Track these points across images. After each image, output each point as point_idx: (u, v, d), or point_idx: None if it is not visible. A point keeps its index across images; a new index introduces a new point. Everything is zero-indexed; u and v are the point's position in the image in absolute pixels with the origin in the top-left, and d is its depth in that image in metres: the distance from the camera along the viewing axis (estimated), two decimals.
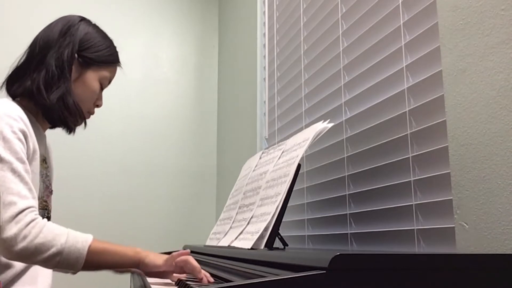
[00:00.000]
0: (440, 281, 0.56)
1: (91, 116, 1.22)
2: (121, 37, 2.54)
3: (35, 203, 0.97)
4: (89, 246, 0.95)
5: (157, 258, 1.01)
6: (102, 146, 2.43)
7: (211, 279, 0.91)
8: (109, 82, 1.22)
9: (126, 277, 1.25)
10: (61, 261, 0.93)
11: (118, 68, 1.24)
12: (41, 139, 1.14)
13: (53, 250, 0.92)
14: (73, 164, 2.33)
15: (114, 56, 1.21)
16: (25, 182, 0.96)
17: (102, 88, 1.20)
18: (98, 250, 0.96)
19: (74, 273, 0.97)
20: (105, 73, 1.18)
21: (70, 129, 1.17)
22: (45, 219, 0.96)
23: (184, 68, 2.74)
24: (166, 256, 1.02)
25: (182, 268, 0.99)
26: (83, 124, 1.21)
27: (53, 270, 1.01)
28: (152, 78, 2.64)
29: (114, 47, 1.22)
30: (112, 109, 2.47)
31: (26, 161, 0.99)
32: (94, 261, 0.96)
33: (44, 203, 1.15)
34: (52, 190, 1.23)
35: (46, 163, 1.18)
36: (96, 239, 0.99)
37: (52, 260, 0.92)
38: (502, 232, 0.72)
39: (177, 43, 2.75)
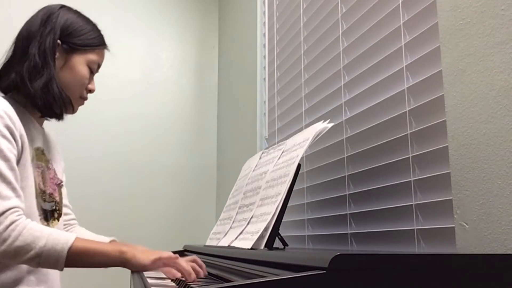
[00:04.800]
0: (440, 281, 0.56)
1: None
2: (122, 37, 2.58)
3: (18, 202, 0.97)
4: (70, 248, 0.95)
5: (144, 258, 0.99)
6: (102, 146, 2.43)
7: (205, 272, 0.94)
8: (99, 67, 1.21)
9: (127, 277, 1.25)
10: (41, 263, 0.95)
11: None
12: (37, 131, 1.14)
13: (31, 253, 0.93)
14: (73, 164, 2.32)
15: (98, 39, 1.19)
16: (7, 182, 0.96)
17: (92, 73, 1.19)
18: (80, 251, 0.96)
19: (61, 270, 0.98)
20: (92, 56, 1.17)
21: (57, 116, 1.15)
22: (28, 220, 0.96)
23: (184, 68, 2.74)
24: (154, 255, 0.99)
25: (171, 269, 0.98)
26: (73, 112, 1.19)
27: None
28: (152, 78, 2.63)
29: (98, 30, 1.21)
30: (112, 109, 2.46)
31: (11, 159, 0.98)
32: (77, 261, 0.97)
33: (50, 197, 1.15)
34: (60, 182, 1.22)
35: (45, 155, 1.17)
36: (80, 239, 0.98)
37: (32, 261, 0.94)
38: (502, 232, 0.72)
39: (177, 43, 2.75)
